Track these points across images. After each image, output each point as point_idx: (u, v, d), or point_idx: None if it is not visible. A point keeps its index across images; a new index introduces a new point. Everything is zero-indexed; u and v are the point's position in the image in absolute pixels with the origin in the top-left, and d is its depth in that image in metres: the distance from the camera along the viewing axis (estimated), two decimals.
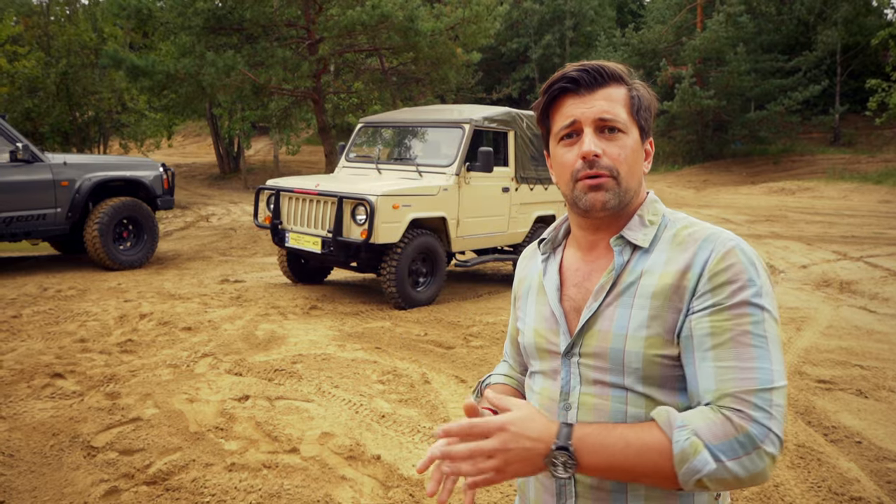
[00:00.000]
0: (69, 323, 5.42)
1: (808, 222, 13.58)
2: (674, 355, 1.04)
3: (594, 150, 1.07)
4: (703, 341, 1.00)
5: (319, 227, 6.24)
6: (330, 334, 5.32)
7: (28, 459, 3.16)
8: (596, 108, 1.09)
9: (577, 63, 1.13)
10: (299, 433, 3.50)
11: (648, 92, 1.15)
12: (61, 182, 7.52)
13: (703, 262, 1.03)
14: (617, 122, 1.09)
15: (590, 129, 1.09)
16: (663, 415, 0.97)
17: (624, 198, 1.10)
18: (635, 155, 1.12)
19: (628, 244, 1.11)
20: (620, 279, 1.10)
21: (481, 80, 27.86)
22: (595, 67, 1.10)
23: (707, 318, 1.01)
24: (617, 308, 1.08)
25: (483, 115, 6.90)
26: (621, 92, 1.12)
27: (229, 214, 14.66)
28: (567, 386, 1.13)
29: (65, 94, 17.02)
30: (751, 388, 0.96)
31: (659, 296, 1.05)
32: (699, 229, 1.09)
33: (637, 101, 1.12)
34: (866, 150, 23.65)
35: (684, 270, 1.05)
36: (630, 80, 1.14)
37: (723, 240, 1.05)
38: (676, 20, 26.49)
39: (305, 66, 12.32)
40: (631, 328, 1.06)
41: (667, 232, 1.12)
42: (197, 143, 32.91)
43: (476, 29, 13.51)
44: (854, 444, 3.57)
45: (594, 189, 1.09)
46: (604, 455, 0.96)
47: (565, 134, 1.12)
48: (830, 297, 7.11)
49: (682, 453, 0.93)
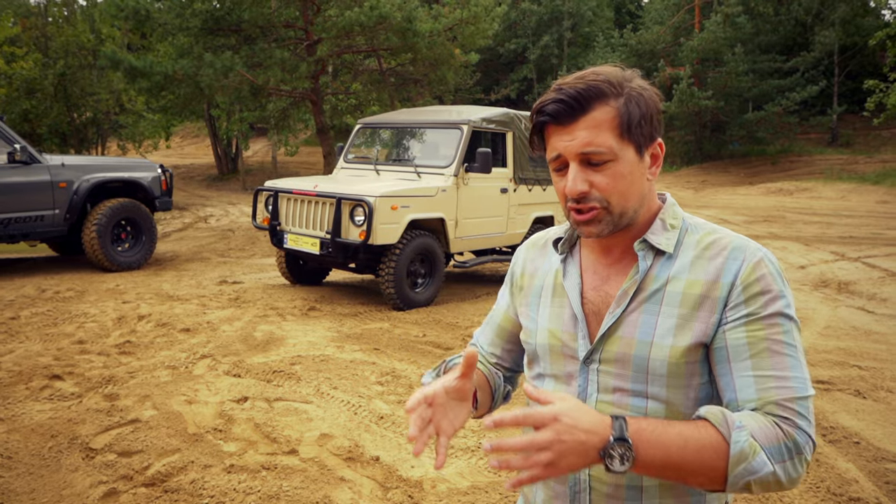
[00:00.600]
0: (67, 324, 5.42)
1: (806, 223, 13.59)
2: (696, 360, 1.05)
3: (578, 188, 1.04)
4: (740, 351, 1.01)
5: (318, 229, 6.24)
6: (328, 335, 5.32)
7: (26, 461, 3.16)
8: (577, 141, 1.03)
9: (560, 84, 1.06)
10: (298, 434, 3.50)
11: (647, 95, 1.08)
12: (59, 183, 7.51)
13: (734, 272, 1.03)
14: (602, 155, 1.03)
15: (574, 164, 1.05)
16: (718, 415, 0.97)
17: (620, 222, 1.08)
18: (630, 177, 1.06)
19: (651, 248, 1.10)
20: (644, 285, 1.08)
21: (479, 81, 27.86)
22: (573, 95, 1.03)
23: (742, 328, 1.02)
24: (641, 314, 1.07)
25: (481, 116, 6.90)
26: (608, 113, 1.04)
27: (227, 215, 14.66)
28: (584, 393, 1.12)
29: (62, 95, 17.00)
30: (792, 396, 0.98)
31: (687, 304, 1.05)
32: (724, 236, 1.09)
33: (627, 118, 1.04)
34: (864, 150, 23.69)
35: (714, 280, 1.04)
36: (621, 90, 1.05)
37: (752, 250, 1.05)
38: (674, 21, 26.53)
39: (303, 67, 12.31)
40: (657, 335, 1.05)
41: (689, 237, 1.10)
42: (195, 144, 32.89)
43: (474, 30, 13.52)
44: (852, 444, 3.58)
45: (585, 223, 1.07)
46: (661, 450, 0.94)
47: (555, 167, 1.09)
48: (828, 298, 7.12)
49: (740, 454, 0.93)
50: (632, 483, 1.08)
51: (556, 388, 1.16)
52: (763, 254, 1.05)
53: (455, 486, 3.07)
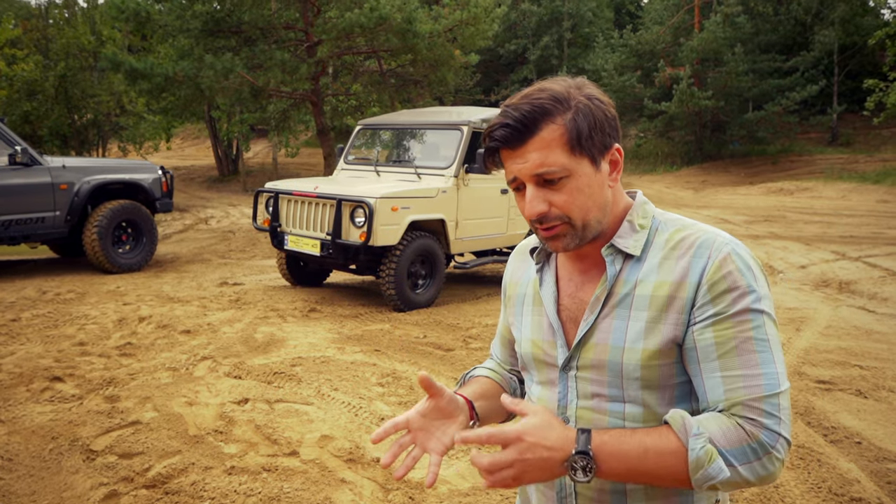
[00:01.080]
0: (68, 326, 5.42)
1: (807, 222, 13.59)
2: (671, 361, 1.05)
3: (536, 210, 1.05)
4: (708, 352, 1.01)
5: (318, 230, 6.24)
6: (329, 337, 5.32)
7: (27, 463, 3.16)
8: (529, 163, 1.03)
9: (507, 105, 1.06)
10: (299, 436, 3.50)
11: (594, 104, 1.05)
12: (60, 185, 7.52)
13: (699, 271, 1.02)
14: (555, 174, 1.03)
15: (530, 186, 1.05)
16: (678, 420, 0.98)
17: (585, 234, 1.08)
18: (588, 189, 1.05)
19: (619, 252, 1.09)
20: (615, 290, 1.08)
21: (480, 82, 27.88)
22: (519, 119, 1.02)
23: (710, 329, 1.01)
24: (613, 320, 1.07)
25: (481, 117, 6.90)
26: (555, 131, 1.03)
27: (228, 217, 14.66)
28: (564, 399, 1.13)
29: (63, 97, 17.02)
30: (759, 395, 0.98)
31: (655, 306, 1.04)
32: (692, 233, 1.07)
33: (577, 132, 1.03)
34: (864, 149, 23.67)
35: (680, 280, 1.03)
36: (568, 104, 1.04)
37: (717, 245, 1.03)
38: (674, 21, 26.52)
39: (304, 69, 12.32)
40: (628, 340, 1.05)
41: (659, 236, 1.09)
42: (195, 145, 32.90)
43: (474, 31, 13.51)
44: (854, 444, 3.58)
45: (551, 240, 1.09)
46: (623, 461, 0.98)
47: (514, 188, 1.09)
48: (829, 298, 7.11)
49: (697, 461, 0.95)
50: (615, 488, 1.09)
51: (542, 394, 1.19)
52: (731, 248, 1.03)
53: (456, 487, 3.07)
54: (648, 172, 24.77)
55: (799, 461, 3.36)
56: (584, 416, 1.10)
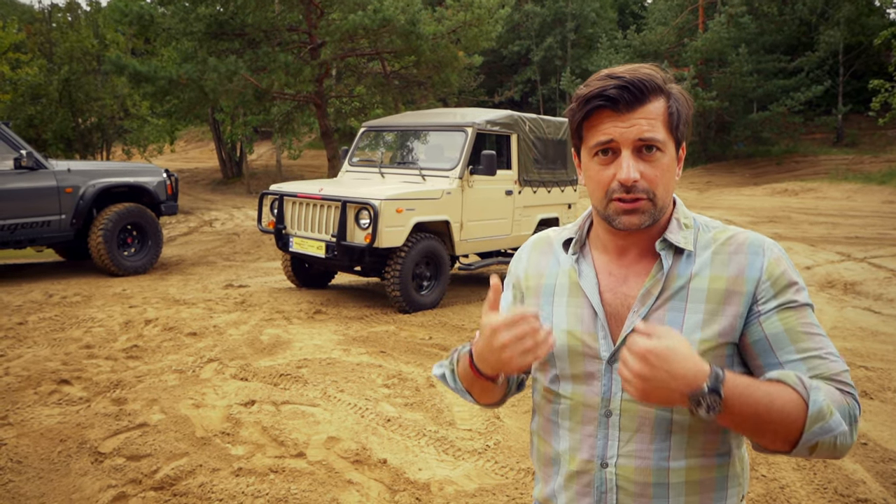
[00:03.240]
0: (75, 329, 5.44)
1: (812, 223, 13.55)
2: (724, 354, 1.08)
3: (633, 175, 1.05)
4: (780, 338, 1.06)
5: (323, 232, 6.25)
6: (335, 339, 5.33)
7: (36, 466, 3.17)
8: (636, 128, 1.05)
9: (615, 73, 1.07)
10: (305, 438, 3.51)
11: (685, 97, 1.12)
12: (65, 189, 7.55)
13: (759, 268, 1.08)
14: (656, 142, 1.06)
15: (628, 152, 1.06)
16: (793, 377, 1.00)
17: (658, 215, 1.10)
18: (671, 172, 1.10)
19: (671, 247, 1.11)
20: (668, 283, 1.10)
21: (483, 83, 27.91)
22: (636, 83, 1.05)
23: (777, 319, 1.06)
24: (667, 312, 1.09)
25: (485, 119, 6.91)
26: (660, 107, 1.07)
27: (232, 219, 14.70)
28: (608, 392, 1.12)
29: (67, 100, 17.09)
30: (839, 370, 1.04)
31: (713, 299, 1.07)
32: (737, 233, 1.13)
33: (676, 116, 1.09)
34: (869, 150, 23.61)
35: (737, 275, 1.08)
36: (668, 88, 1.09)
37: (768, 245, 1.10)
38: (678, 21, 26.51)
39: (307, 71, 12.35)
40: (685, 331, 1.07)
41: (703, 235, 1.13)
42: (200, 148, 32.99)
43: (477, 32, 13.52)
44: (860, 445, 3.57)
45: (629, 213, 1.08)
46: (750, 407, 0.97)
47: (601, 149, 1.08)
48: (835, 299, 7.10)
49: (819, 412, 0.97)
50: (659, 481, 1.09)
51: (576, 389, 1.16)
52: (779, 249, 1.11)
53: (462, 488, 3.07)
54: None
55: (805, 462, 3.36)
56: (628, 409, 1.10)
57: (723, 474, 1.12)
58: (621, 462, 1.11)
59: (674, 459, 1.09)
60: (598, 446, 1.13)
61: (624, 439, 1.11)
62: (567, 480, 1.17)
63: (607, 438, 1.12)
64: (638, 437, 1.10)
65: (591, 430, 1.14)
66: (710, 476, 1.11)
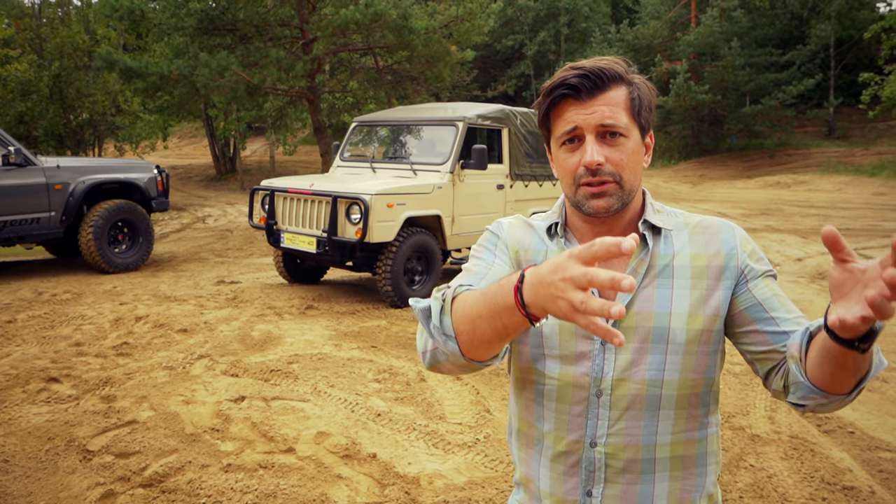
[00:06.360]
0: (64, 327, 5.42)
1: (804, 215, 13.60)
2: (713, 329, 1.12)
3: (597, 159, 1.08)
4: (772, 301, 1.12)
5: (314, 227, 6.24)
6: (326, 334, 5.33)
7: (23, 464, 3.16)
8: (597, 114, 1.09)
9: (577, 65, 1.11)
10: (295, 433, 3.51)
11: (648, 86, 1.15)
12: (55, 185, 7.50)
13: (733, 244, 1.14)
14: (618, 128, 1.09)
15: (591, 137, 1.09)
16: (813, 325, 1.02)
17: (626, 199, 1.13)
18: (636, 156, 1.13)
19: (651, 228, 1.16)
20: (653, 262, 1.14)
21: (476, 78, 27.82)
22: (596, 72, 1.09)
23: (762, 285, 1.13)
24: (656, 289, 1.12)
25: (476, 113, 6.90)
26: (622, 94, 1.11)
27: (226, 216, 14.65)
28: (600, 372, 1.12)
29: (58, 96, 16.96)
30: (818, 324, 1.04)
31: (697, 275, 1.13)
32: (704, 218, 1.20)
33: (638, 102, 1.12)
34: (861, 142, 23.69)
35: (716, 252, 1.14)
36: (629, 77, 1.13)
37: (733, 226, 1.18)
38: (671, 15, 26.51)
39: (300, 66, 12.30)
40: (675, 306, 1.11)
41: (674, 220, 1.19)
42: (193, 144, 32.86)
43: (470, 26, 13.49)
44: (847, 434, 3.59)
45: (596, 196, 1.11)
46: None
47: (567, 139, 1.12)
48: (825, 290, 7.13)
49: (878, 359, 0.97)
50: (647, 457, 1.11)
51: (564, 369, 1.13)
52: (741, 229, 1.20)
53: (452, 481, 3.08)
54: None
55: (792, 451, 3.37)
56: (618, 388, 1.11)
57: (702, 450, 1.15)
58: (610, 441, 1.12)
59: (661, 435, 1.12)
60: (589, 426, 1.13)
61: (614, 418, 1.12)
62: (552, 461, 1.16)
63: (597, 418, 1.12)
64: (628, 414, 1.11)
65: (579, 411, 1.14)
66: (692, 452, 1.14)
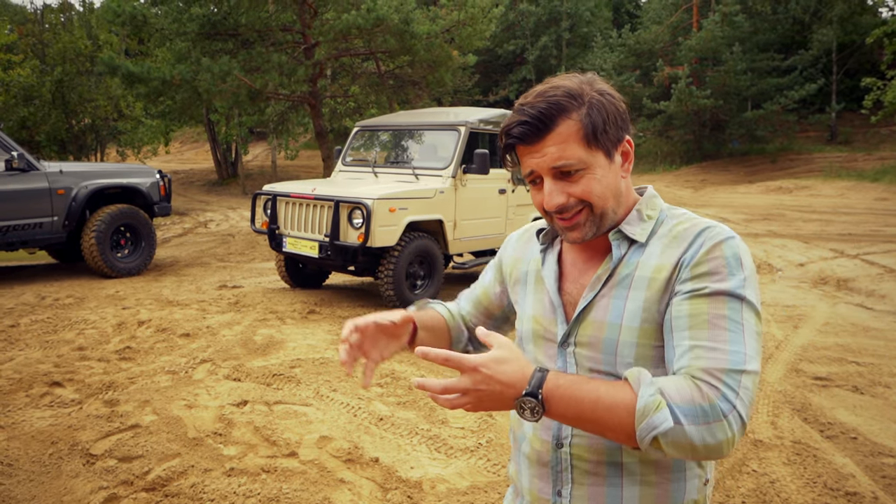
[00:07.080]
0: (67, 331, 5.43)
1: (806, 220, 13.60)
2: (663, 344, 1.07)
3: (556, 202, 1.09)
4: (681, 322, 1.02)
5: (316, 232, 6.25)
6: (328, 338, 5.33)
7: (27, 468, 3.17)
8: (547, 157, 1.07)
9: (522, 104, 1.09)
10: (298, 437, 3.51)
11: (607, 98, 1.10)
12: (58, 190, 7.52)
13: (692, 254, 1.05)
14: (572, 166, 1.07)
15: (548, 179, 1.09)
16: (634, 373, 0.98)
17: (602, 223, 1.12)
18: (605, 180, 1.10)
19: (626, 238, 1.13)
20: (617, 272, 1.12)
21: (478, 83, 27.91)
22: (536, 115, 1.06)
23: (686, 302, 1.03)
24: (612, 299, 1.11)
25: (478, 118, 6.92)
26: (572, 126, 1.06)
27: (228, 220, 14.68)
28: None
29: (60, 101, 17.03)
30: (722, 367, 0.96)
31: (653, 287, 1.07)
32: (695, 224, 1.10)
33: (592, 127, 1.07)
34: (863, 147, 23.68)
35: (673, 263, 1.07)
36: (582, 100, 1.07)
37: (713, 234, 1.06)
38: (672, 20, 26.56)
39: (301, 71, 12.34)
40: (625, 318, 1.09)
41: (664, 227, 1.13)
42: (195, 149, 32.93)
43: (472, 31, 13.53)
44: (850, 439, 3.59)
45: (570, 228, 1.12)
46: (573, 407, 0.97)
47: (531, 180, 1.13)
48: (827, 295, 7.12)
49: (644, 408, 0.93)
50: (612, 460, 1.11)
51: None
52: (723, 238, 1.05)
53: (454, 486, 3.08)
54: (647, 172, 24.77)
55: (795, 456, 3.37)
56: None
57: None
58: (576, 441, 1.14)
59: None
60: (554, 426, 1.16)
61: None
62: (528, 459, 1.23)
63: None
64: None
65: None
66: (666, 458, 1.09)
